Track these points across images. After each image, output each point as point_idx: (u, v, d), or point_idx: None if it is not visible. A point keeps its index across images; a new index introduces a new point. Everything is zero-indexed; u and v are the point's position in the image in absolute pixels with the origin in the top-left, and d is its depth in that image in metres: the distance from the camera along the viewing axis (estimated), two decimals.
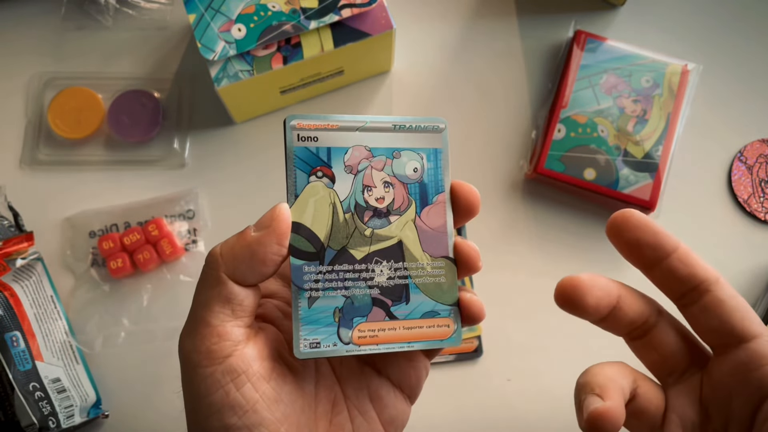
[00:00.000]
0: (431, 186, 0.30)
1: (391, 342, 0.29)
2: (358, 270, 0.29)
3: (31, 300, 0.45)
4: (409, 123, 0.30)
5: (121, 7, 0.55)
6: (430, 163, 0.30)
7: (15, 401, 0.42)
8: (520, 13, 0.56)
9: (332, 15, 0.46)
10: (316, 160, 0.29)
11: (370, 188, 0.30)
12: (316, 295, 0.29)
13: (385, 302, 0.29)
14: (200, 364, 0.27)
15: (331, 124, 0.29)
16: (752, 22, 0.55)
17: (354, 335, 0.29)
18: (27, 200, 0.50)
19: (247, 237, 0.28)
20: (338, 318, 0.29)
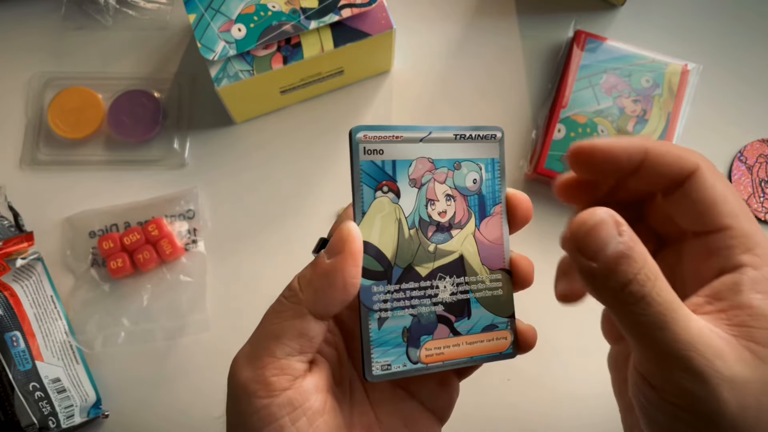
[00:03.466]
0: (489, 197, 0.30)
1: (455, 358, 0.29)
2: (423, 287, 0.29)
3: (31, 300, 0.45)
4: (469, 132, 0.30)
5: (121, 7, 0.55)
6: (487, 174, 0.30)
7: (15, 401, 0.42)
8: (520, 13, 0.56)
9: (332, 15, 0.46)
10: (382, 174, 0.28)
11: (433, 202, 0.29)
12: (385, 315, 0.28)
13: (449, 318, 0.29)
14: (257, 394, 0.26)
15: (396, 135, 0.29)
16: (752, 22, 0.55)
17: (422, 354, 0.29)
18: (27, 200, 0.50)
19: (322, 265, 0.27)
20: (406, 338, 0.29)
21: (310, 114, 0.53)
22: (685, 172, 0.28)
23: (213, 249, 0.51)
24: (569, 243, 0.25)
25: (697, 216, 0.27)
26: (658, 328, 0.24)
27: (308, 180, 0.52)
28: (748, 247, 0.26)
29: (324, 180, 0.52)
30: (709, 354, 0.24)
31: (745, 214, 0.27)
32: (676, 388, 0.24)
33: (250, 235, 0.51)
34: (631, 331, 0.25)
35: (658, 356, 0.24)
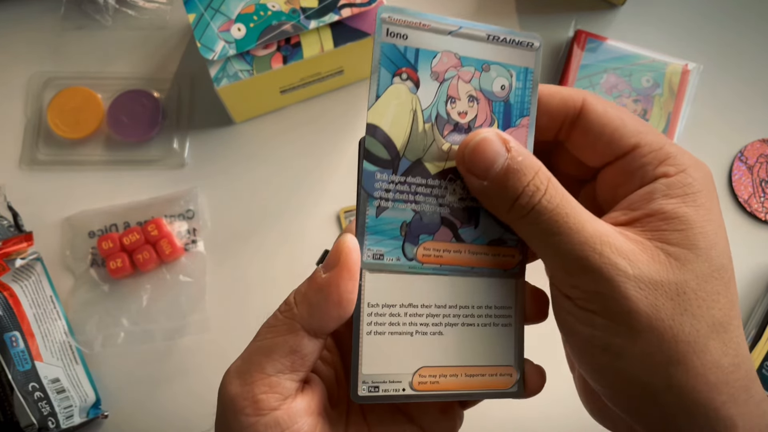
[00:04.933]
0: (516, 107, 0.28)
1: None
2: (431, 185, 0.27)
3: (30, 300, 0.45)
4: (503, 35, 0.27)
5: (120, 6, 0.55)
6: (518, 83, 0.28)
7: (14, 401, 0.42)
8: (520, 13, 0.56)
9: (332, 15, 0.46)
10: (402, 60, 0.27)
11: (454, 100, 0.27)
12: (385, 205, 0.27)
13: (454, 223, 0.28)
14: (243, 411, 0.26)
15: (423, 22, 0.26)
16: (752, 22, 0.55)
17: (419, 252, 0.27)
18: (26, 200, 0.50)
19: (318, 280, 0.26)
20: (404, 232, 0.27)
21: (310, 114, 0.53)
22: (574, 108, 0.27)
23: (213, 249, 0.51)
24: (460, 165, 0.26)
25: (602, 146, 0.27)
26: (553, 234, 0.24)
27: (308, 180, 0.52)
28: (660, 159, 0.26)
29: (324, 180, 0.52)
30: (609, 252, 0.24)
31: (649, 129, 0.27)
32: (584, 291, 0.24)
33: (250, 235, 0.51)
34: (531, 242, 0.26)
35: (559, 262, 0.25)
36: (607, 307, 0.24)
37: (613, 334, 0.24)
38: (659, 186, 0.25)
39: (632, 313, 0.24)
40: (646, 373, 0.24)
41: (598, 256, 0.24)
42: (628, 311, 0.24)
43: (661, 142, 0.26)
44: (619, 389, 0.25)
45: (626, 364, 0.24)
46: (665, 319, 0.24)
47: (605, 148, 0.27)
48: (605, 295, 0.24)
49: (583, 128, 0.27)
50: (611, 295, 0.24)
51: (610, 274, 0.24)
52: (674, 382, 0.24)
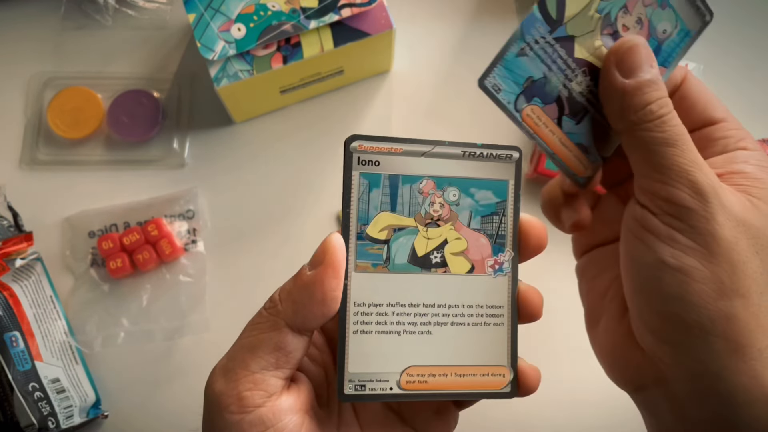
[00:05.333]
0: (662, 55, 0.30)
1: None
2: (568, 64, 0.29)
3: (30, 300, 0.45)
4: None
5: (120, 6, 0.55)
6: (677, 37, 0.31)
7: (14, 401, 0.42)
8: (520, 13, 0.56)
9: (332, 14, 0.46)
10: None
11: (627, 11, 0.29)
12: (528, 52, 0.28)
13: (564, 107, 0.29)
14: (228, 409, 0.26)
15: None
16: (752, 22, 0.55)
17: (526, 111, 0.29)
18: (26, 200, 0.50)
19: (303, 278, 0.26)
20: (527, 85, 0.29)
21: (310, 114, 0.53)
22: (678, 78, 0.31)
23: (212, 249, 0.51)
24: (610, 57, 0.28)
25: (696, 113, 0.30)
26: (670, 145, 0.26)
27: (308, 180, 0.52)
28: (741, 136, 0.30)
29: (324, 180, 0.52)
30: (713, 177, 0.26)
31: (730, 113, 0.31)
32: (675, 206, 0.26)
33: (250, 235, 0.51)
34: (642, 149, 0.27)
35: (665, 172, 0.26)
36: (693, 226, 0.25)
37: (691, 253, 0.26)
38: (741, 154, 0.29)
39: (715, 237, 0.25)
40: (711, 299, 0.25)
41: (703, 176, 0.26)
42: (712, 233, 0.25)
43: (740, 125, 0.30)
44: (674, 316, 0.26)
45: (695, 286, 0.25)
46: (741, 252, 0.25)
47: (699, 115, 0.30)
48: (696, 212, 0.25)
49: (682, 95, 0.31)
50: (702, 214, 0.25)
51: (709, 195, 0.25)
52: (733, 313, 0.25)
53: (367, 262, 0.28)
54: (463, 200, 0.29)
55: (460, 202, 0.29)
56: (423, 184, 0.28)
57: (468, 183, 0.29)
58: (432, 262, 0.28)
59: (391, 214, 0.28)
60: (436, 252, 0.28)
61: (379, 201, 0.28)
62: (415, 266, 0.28)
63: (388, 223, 0.28)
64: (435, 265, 0.28)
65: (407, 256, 0.28)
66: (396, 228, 0.28)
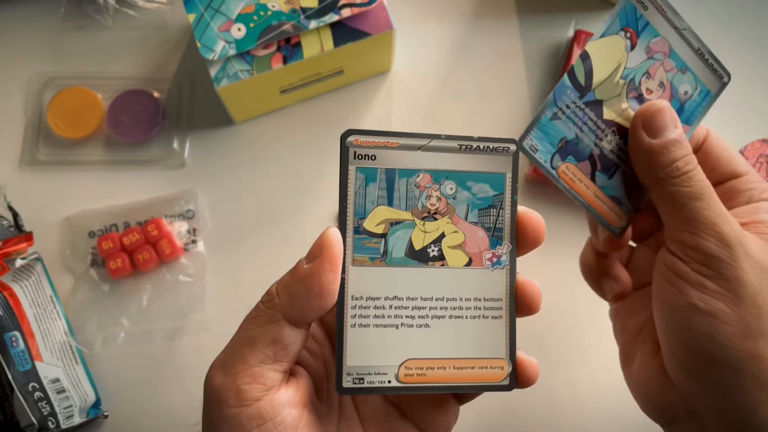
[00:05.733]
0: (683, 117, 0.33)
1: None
2: (598, 125, 0.32)
3: (30, 300, 0.45)
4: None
5: (120, 7, 0.55)
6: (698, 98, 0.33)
7: (14, 401, 0.42)
8: (520, 13, 0.56)
9: (332, 14, 0.46)
10: (635, 23, 0.32)
11: (650, 76, 0.32)
12: (560, 116, 0.31)
13: (597, 164, 0.32)
14: (227, 402, 0.26)
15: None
16: (752, 22, 0.55)
17: (562, 167, 0.32)
18: (26, 200, 0.50)
19: (300, 271, 0.27)
20: (561, 145, 0.32)
21: (310, 114, 0.53)
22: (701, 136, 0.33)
23: (213, 249, 0.51)
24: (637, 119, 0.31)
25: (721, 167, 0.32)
26: (697, 198, 0.29)
27: (308, 179, 0.52)
28: (763, 189, 0.31)
29: (324, 179, 0.52)
30: (737, 228, 0.28)
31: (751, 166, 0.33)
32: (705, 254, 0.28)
33: (250, 235, 0.51)
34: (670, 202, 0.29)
35: (692, 224, 0.28)
36: (720, 272, 0.28)
37: (719, 298, 0.28)
38: (765, 205, 0.31)
39: (741, 282, 0.27)
40: (738, 340, 0.27)
41: (728, 227, 0.28)
42: (738, 279, 0.27)
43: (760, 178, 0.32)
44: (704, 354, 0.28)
45: (722, 328, 0.27)
46: (766, 296, 0.27)
47: (723, 169, 0.32)
48: (723, 260, 0.28)
49: (706, 151, 0.33)
50: (729, 262, 0.28)
51: (734, 245, 0.28)
52: (759, 353, 0.27)
53: (364, 256, 0.28)
54: (460, 193, 0.29)
55: (457, 195, 0.29)
56: (419, 178, 0.29)
57: (465, 176, 0.29)
58: (429, 256, 0.28)
59: (388, 208, 0.28)
60: (434, 245, 0.29)
61: (375, 195, 0.28)
62: (412, 260, 0.28)
63: (385, 217, 0.28)
64: (432, 259, 0.28)
65: (404, 250, 0.28)
66: (393, 222, 0.28)
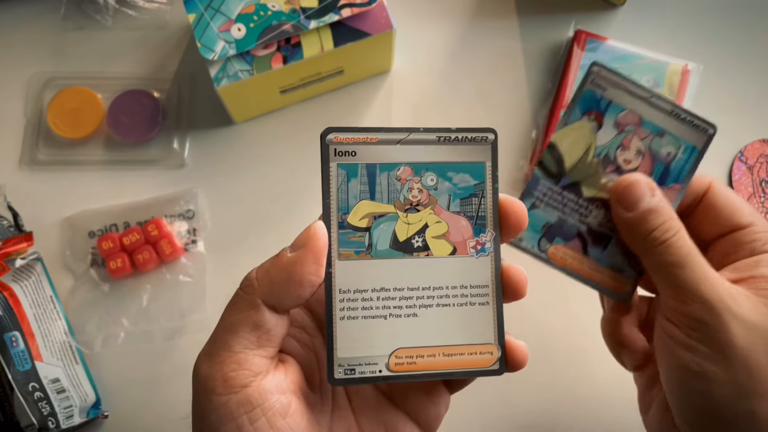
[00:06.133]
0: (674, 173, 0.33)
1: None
2: (580, 204, 0.33)
3: (30, 300, 0.45)
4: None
5: (120, 7, 0.55)
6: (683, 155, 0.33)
7: (14, 402, 0.42)
8: (520, 13, 0.56)
9: (332, 15, 0.46)
10: (596, 105, 0.33)
11: (624, 149, 0.33)
12: (538, 204, 0.33)
13: (587, 240, 0.34)
14: (215, 391, 0.26)
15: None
16: (752, 22, 0.55)
17: (550, 249, 0.34)
18: (26, 200, 0.50)
19: (283, 259, 0.27)
20: (545, 230, 0.33)
21: (310, 114, 0.53)
22: (702, 187, 0.33)
23: (213, 249, 0.51)
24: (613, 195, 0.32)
25: (724, 219, 0.32)
26: (679, 266, 0.29)
27: (308, 180, 0.52)
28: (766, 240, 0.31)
29: None
30: (721, 291, 0.29)
31: (759, 215, 0.32)
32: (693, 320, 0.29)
33: (250, 234, 0.51)
34: (656, 271, 0.30)
35: (678, 291, 0.29)
36: (709, 336, 0.28)
37: (710, 360, 0.28)
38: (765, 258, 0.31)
39: (730, 345, 0.28)
40: (732, 399, 0.28)
41: (712, 292, 0.28)
42: (727, 342, 0.28)
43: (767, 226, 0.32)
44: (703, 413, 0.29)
45: (716, 389, 0.28)
46: (757, 356, 0.28)
47: (726, 221, 0.32)
48: (711, 326, 0.28)
49: (708, 204, 0.33)
50: (716, 327, 0.28)
51: (719, 309, 0.28)
52: (755, 410, 0.28)
53: (349, 250, 0.28)
54: (441, 184, 0.29)
55: (438, 186, 0.29)
56: (400, 171, 0.29)
57: (445, 167, 0.29)
58: (414, 247, 0.29)
59: (371, 202, 0.29)
60: (417, 236, 0.29)
61: (358, 190, 0.29)
62: (397, 251, 0.29)
63: (368, 211, 0.29)
64: (417, 249, 0.29)
65: (389, 242, 0.29)
66: (376, 215, 0.29)
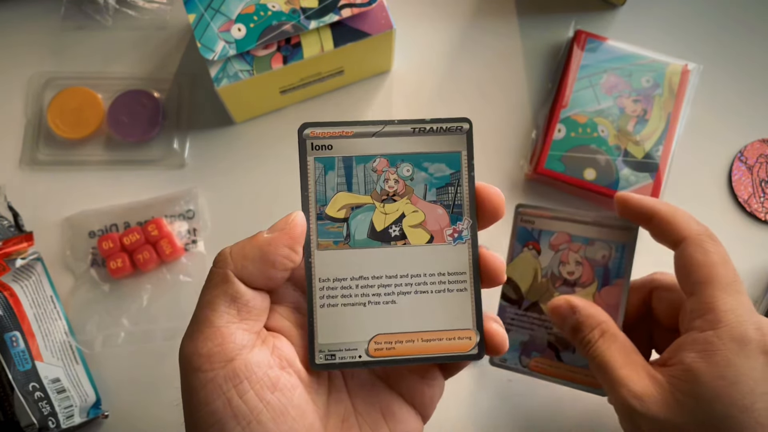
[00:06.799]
0: (613, 272, 0.37)
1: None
2: (543, 320, 0.39)
3: (30, 300, 0.45)
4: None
5: (120, 7, 0.55)
6: (617, 255, 0.37)
7: (15, 401, 0.42)
8: (520, 13, 0.56)
9: (332, 15, 0.46)
10: (530, 236, 0.39)
11: (564, 264, 0.38)
12: (510, 328, 0.39)
13: (557, 347, 0.39)
14: (201, 368, 0.26)
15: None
16: (752, 22, 0.55)
17: (531, 363, 0.39)
18: (27, 200, 0.50)
19: (259, 238, 0.28)
20: (522, 348, 0.39)
21: (310, 114, 0.53)
22: (677, 239, 0.34)
23: (213, 249, 0.51)
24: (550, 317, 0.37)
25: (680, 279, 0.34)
26: (602, 371, 0.34)
27: None
28: (701, 313, 0.32)
29: None
30: (626, 394, 0.32)
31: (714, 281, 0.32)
32: (618, 414, 0.33)
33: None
34: (593, 370, 0.35)
35: (606, 387, 0.34)
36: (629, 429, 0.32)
37: None
38: (688, 338, 0.32)
39: None
40: None
41: (619, 396, 0.32)
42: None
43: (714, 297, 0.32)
44: None
45: None
46: None
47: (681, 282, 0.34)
48: (626, 423, 0.32)
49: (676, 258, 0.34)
50: (626, 426, 0.33)
51: (629, 411, 0.31)
52: None
53: (328, 240, 0.29)
54: (417, 174, 0.30)
55: (414, 176, 0.30)
56: (376, 163, 0.30)
57: (420, 158, 0.30)
58: (391, 236, 0.29)
59: (348, 193, 0.29)
60: (395, 226, 0.30)
61: (335, 182, 0.29)
62: (375, 241, 0.29)
63: (345, 202, 0.29)
64: (394, 239, 0.29)
65: (366, 232, 0.29)
66: (354, 206, 0.29)
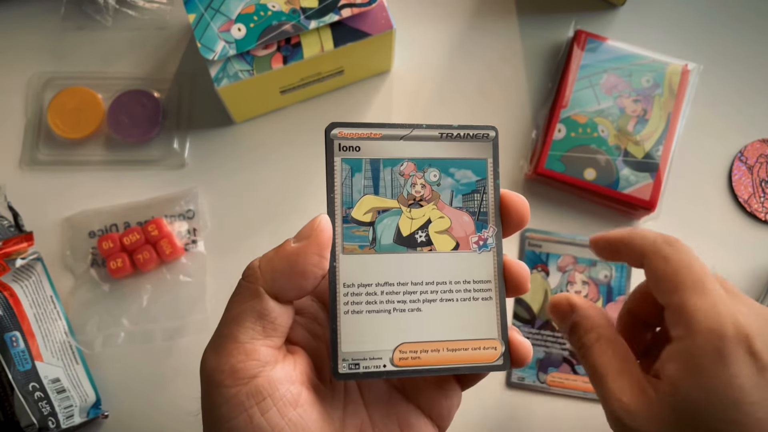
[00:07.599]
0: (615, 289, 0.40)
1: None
2: (556, 336, 0.41)
3: (30, 300, 0.45)
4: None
5: (120, 7, 0.55)
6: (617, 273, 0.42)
7: (15, 401, 0.42)
8: (520, 13, 0.56)
9: (332, 15, 0.46)
10: (539, 259, 0.42)
11: (572, 284, 0.41)
12: None
13: (572, 361, 0.41)
14: (223, 383, 0.26)
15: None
16: (752, 22, 0.55)
17: (548, 379, 0.42)
18: (27, 200, 0.50)
19: (287, 248, 0.27)
20: (538, 365, 0.42)
21: (310, 114, 0.53)
22: (638, 259, 0.32)
23: (213, 249, 0.51)
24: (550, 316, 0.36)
25: (655, 295, 0.32)
26: (594, 379, 0.32)
27: (308, 180, 0.52)
28: (676, 321, 0.30)
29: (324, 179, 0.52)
30: (619, 406, 0.31)
31: (680, 287, 0.31)
32: (610, 424, 0.32)
33: (250, 235, 0.51)
34: (587, 374, 0.34)
35: (599, 398, 0.32)
36: None
37: None
38: (669, 349, 0.31)
39: None
40: None
41: (611, 408, 0.31)
42: None
43: (686, 303, 0.30)
44: None
45: None
46: None
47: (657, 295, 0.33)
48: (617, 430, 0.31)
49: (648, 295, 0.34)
50: None
51: (616, 423, 0.31)
52: None
53: (354, 244, 0.28)
54: (444, 180, 0.30)
55: (441, 182, 0.30)
56: (403, 167, 0.29)
57: (447, 163, 0.30)
58: (417, 242, 0.29)
59: (375, 196, 0.29)
60: (421, 231, 0.29)
61: (361, 185, 0.29)
62: (401, 246, 0.29)
63: (372, 206, 0.29)
64: (420, 244, 0.29)
65: (393, 237, 0.29)
66: (380, 210, 0.29)
